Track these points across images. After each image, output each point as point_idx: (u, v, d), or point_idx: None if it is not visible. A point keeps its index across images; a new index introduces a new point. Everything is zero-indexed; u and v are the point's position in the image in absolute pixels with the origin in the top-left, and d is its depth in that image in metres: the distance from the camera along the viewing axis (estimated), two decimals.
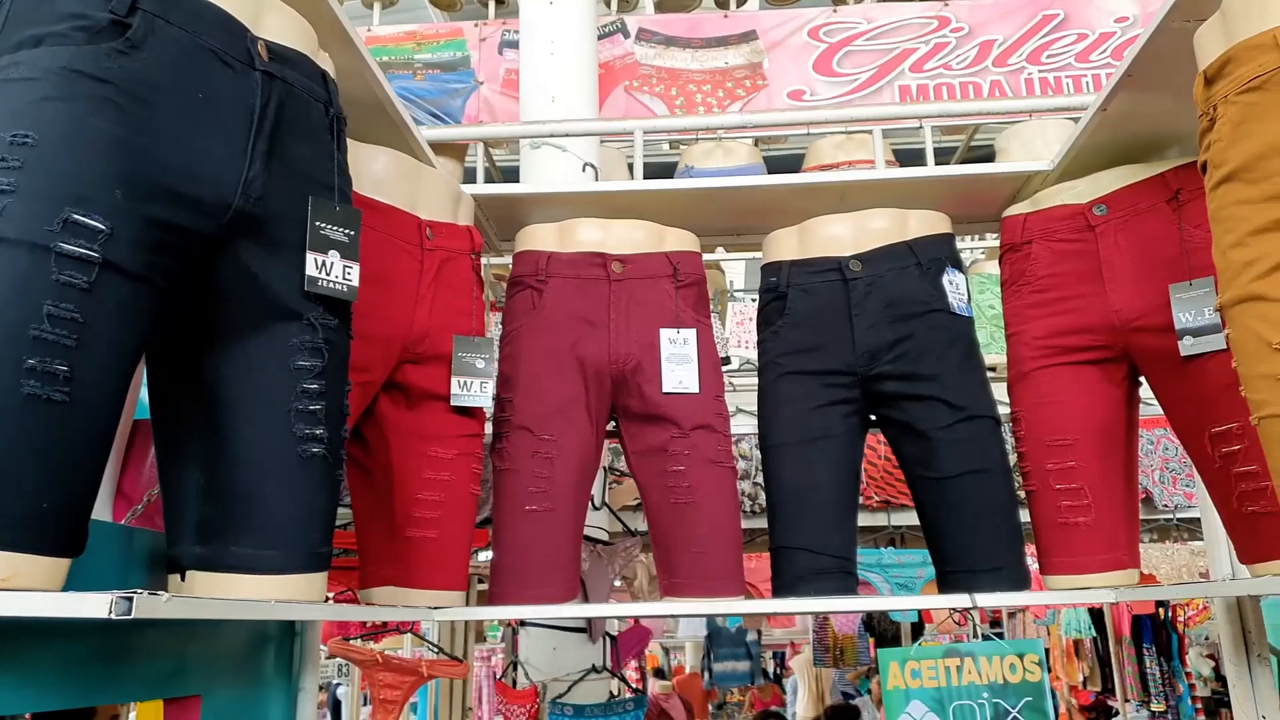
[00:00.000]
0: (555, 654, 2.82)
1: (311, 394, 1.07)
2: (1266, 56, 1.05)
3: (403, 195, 1.50)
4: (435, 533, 1.51)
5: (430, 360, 1.52)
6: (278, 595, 1.04)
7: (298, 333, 1.07)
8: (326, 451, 1.09)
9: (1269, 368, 1.06)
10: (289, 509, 1.05)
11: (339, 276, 1.10)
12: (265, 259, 1.04)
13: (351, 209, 1.15)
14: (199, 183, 0.96)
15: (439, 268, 1.53)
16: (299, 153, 1.08)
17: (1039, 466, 1.60)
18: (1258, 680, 1.67)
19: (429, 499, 1.50)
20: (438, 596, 1.51)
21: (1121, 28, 4.41)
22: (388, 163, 1.49)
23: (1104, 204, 1.58)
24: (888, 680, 1.63)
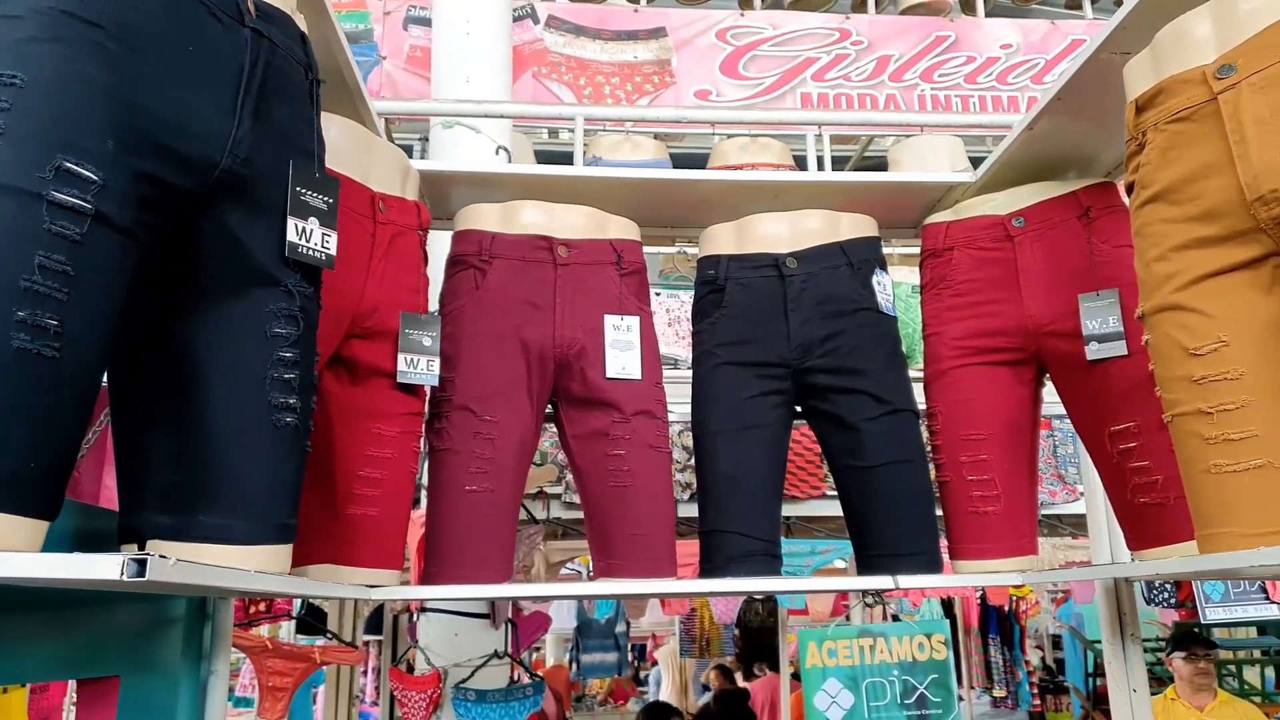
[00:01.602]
0: (457, 639, 2.80)
1: (287, 362, 1.05)
2: (1195, 91, 1.17)
3: (356, 166, 1.47)
4: (375, 511, 1.49)
5: (377, 335, 1.50)
6: (246, 567, 1.01)
7: (275, 299, 1.05)
8: (298, 421, 1.07)
9: (1184, 370, 1.18)
10: (260, 479, 1.02)
11: (318, 244, 1.09)
12: (247, 222, 1.02)
13: (330, 176, 1.13)
14: (188, 138, 0.93)
15: (390, 242, 1.51)
16: (282, 115, 1.06)
17: (953, 459, 1.71)
18: (1130, 658, 1.83)
19: (370, 476, 1.48)
20: (376, 575, 1.49)
21: (1006, 54, 4.69)
22: (342, 132, 1.46)
23: (1022, 216, 1.70)
24: (807, 659, 1.70)
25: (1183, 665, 4.00)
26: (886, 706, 1.69)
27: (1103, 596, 1.89)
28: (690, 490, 3.54)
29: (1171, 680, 4.12)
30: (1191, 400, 1.17)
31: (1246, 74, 1.11)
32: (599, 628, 8.95)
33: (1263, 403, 1.13)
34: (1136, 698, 1.85)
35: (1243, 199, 1.11)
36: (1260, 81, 1.10)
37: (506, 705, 2.68)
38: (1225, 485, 1.15)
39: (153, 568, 0.72)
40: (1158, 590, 4.32)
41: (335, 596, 1.51)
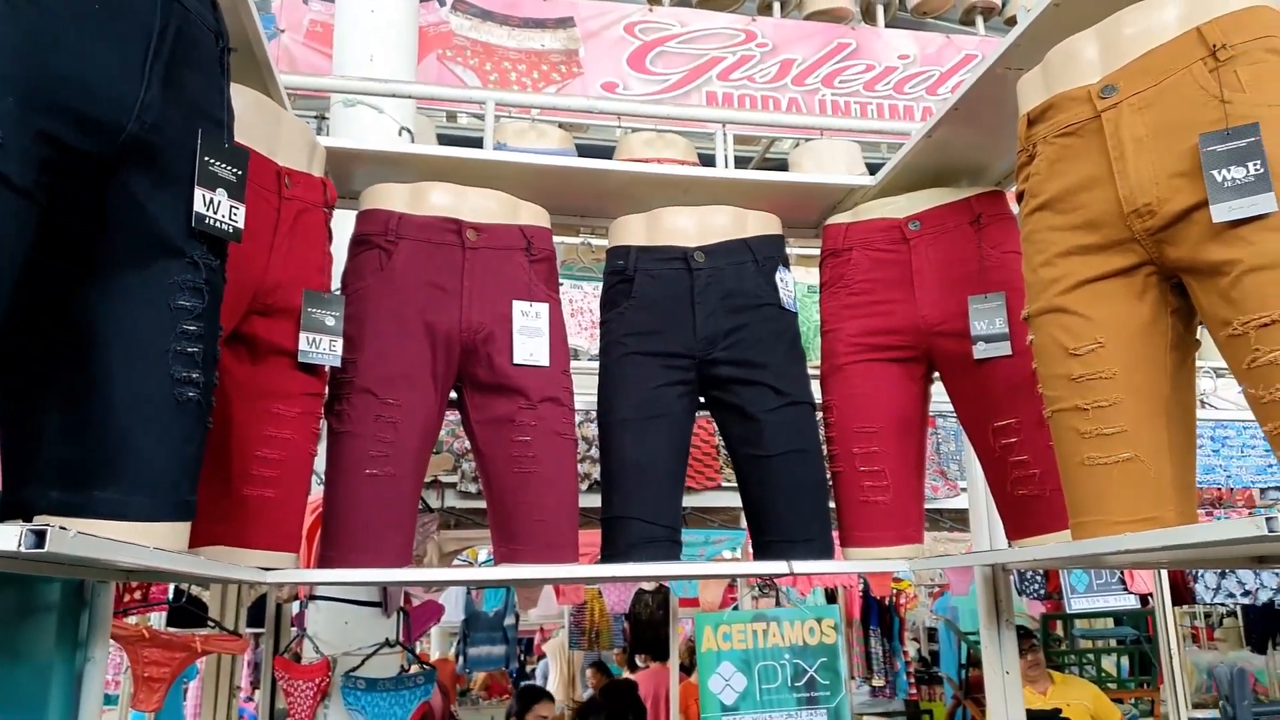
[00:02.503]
0: (347, 628, 2.75)
1: (190, 335, 1.02)
2: (1081, 108, 1.25)
3: (262, 139, 1.43)
4: (272, 492, 1.45)
5: (279, 313, 1.46)
6: (144, 543, 0.98)
7: (180, 271, 1.02)
8: (201, 396, 1.04)
9: (1064, 369, 1.26)
10: (161, 454, 0.99)
11: (225, 216, 1.06)
12: (153, 190, 0.98)
13: (239, 148, 1.10)
14: (93, 100, 0.90)
15: (295, 218, 1.48)
16: (192, 82, 1.02)
17: (846, 450, 1.78)
18: (1004, 642, 1.94)
19: (268, 457, 1.45)
20: (271, 557, 1.46)
21: (904, 64, 4.86)
22: (249, 103, 1.41)
23: (918, 220, 1.78)
24: (702, 643, 1.74)
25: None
26: (777, 689, 1.74)
27: (981, 584, 2.00)
28: (590, 480, 3.56)
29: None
30: (1070, 397, 1.25)
31: (1127, 95, 1.20)
32: (487, 620, 8.87)
33: (1132, 400, 1.21)
34: (1009, 679, 1.96)
35: (1120, 211, 1.19)
36: (1139, 103, 1.19)
37: (397, 694, 2.65)
38: (1097, 476, 1.23)
39: (53, 539, 0.69)
40: (1028, 581, 4.56)
41: (230, 579, 1.47)
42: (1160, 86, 1.17)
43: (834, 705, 1.77)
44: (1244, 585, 4.49)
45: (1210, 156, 1.10)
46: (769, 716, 1.74)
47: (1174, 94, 1.16)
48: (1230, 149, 1.09)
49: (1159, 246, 1.18)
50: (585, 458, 3.38)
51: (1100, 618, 6.96)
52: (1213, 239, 1.11)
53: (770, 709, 1.75)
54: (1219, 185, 1.09)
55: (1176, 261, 1.17)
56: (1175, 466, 1.23)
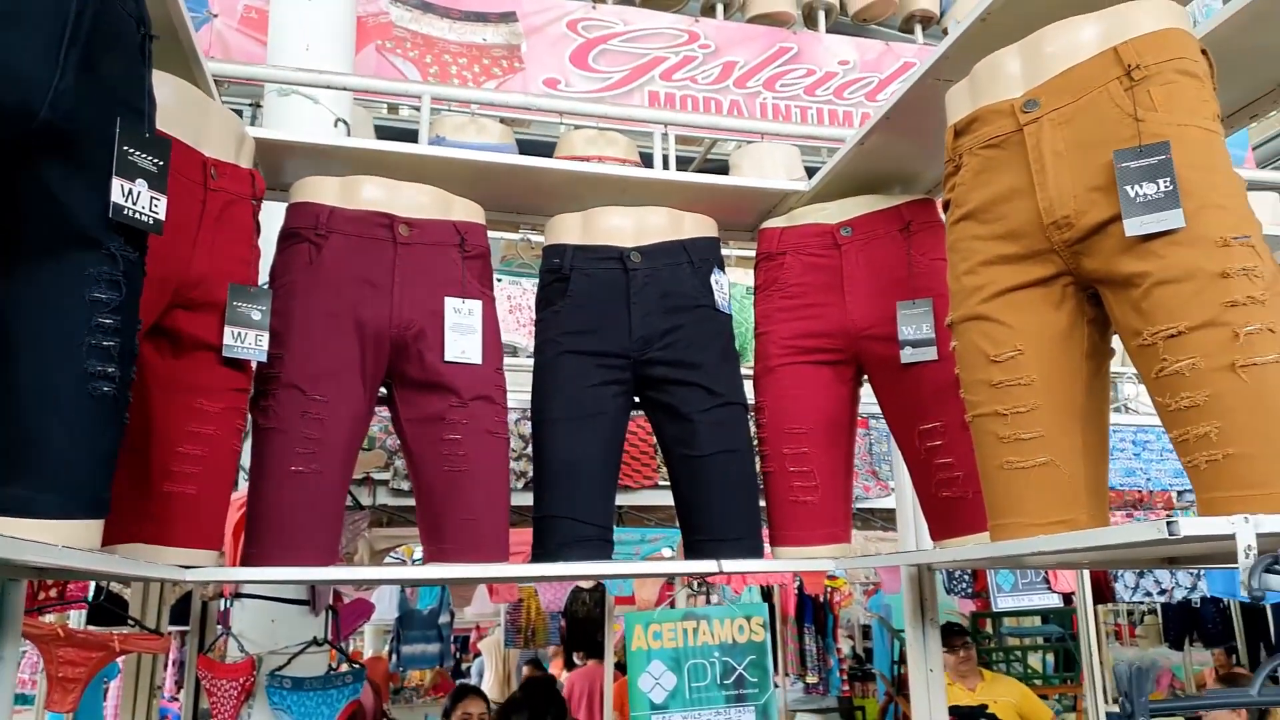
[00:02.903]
0: (274, 626, 2.70)
1: (106, 329, 0.99)
2: (1005, 121, 1.28)
3: (188, 129, 1.40)
4: (194, 489, 1.42)
5: (203, 307, 1.43)
6: (53, 541, 0.95)
7: (96, 263, 0.99)
8: (116, 391, 1.01)
9: (985, 375, 1.29)
10: (73, 450, 0.97)
11: (145, 207, 1.03)
12: (69, 180, 0.96)
13: (161, 138, 1.07)
14: (4, 84, 0.87)
15: (221, 210, 1.45)
16: (111, 70, 1.00)
17: (777, 450, 1.80)
18: (929, 640, 1.98)
19: (190, 453, 1.42)
20: (192, 555, 1.43)
21: (844, 70, 4.92)
22: (174, 92, 1.38)
23: (850, 226, 1.81)
24: (632, 642, 1.75)
25: (948, 656, 4.43)
26: (707, 687, 1.76)
27: (907, 583, 2.03)
28: (525, 479, 3.54)
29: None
30: (990, 402, 1.29)
31: (1048, 110, 1.23)
32: (421, 618, 8.78)
33: (1049, 407, 1.25)
34: (933, 677, 2.00)
35: (1040, 222, 1.23)
36: (1058, 118, 1.22)
37: (324, 694, 2.61)
38: (1015, 480, 1.27)
39: None
40: (957, 580, 4.67)
41: (148, 577, 1.43)
42: (1079, 103, 1.21)
43: (762, 703, 1.80)
44: (1160, 584, 4.65)
45: (1124, 172, 1.14)
46: (698, 714, 1.76)
47: (1091, 111, 1.20)
48: (1142, 165, 1.13)
49: (1076, 258, 1.22)
50: (522, 456, 3.37)
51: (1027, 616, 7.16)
52: (1125, 252, 1.15)
53: (699, 707, 1.76)
54: (1131, 200, 1.13)
55: (1092, 273, 1.21)
56: (1088, 470, 1.27)
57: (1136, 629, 9.47)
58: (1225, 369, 1.06)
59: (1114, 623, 9.38)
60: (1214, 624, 6.97)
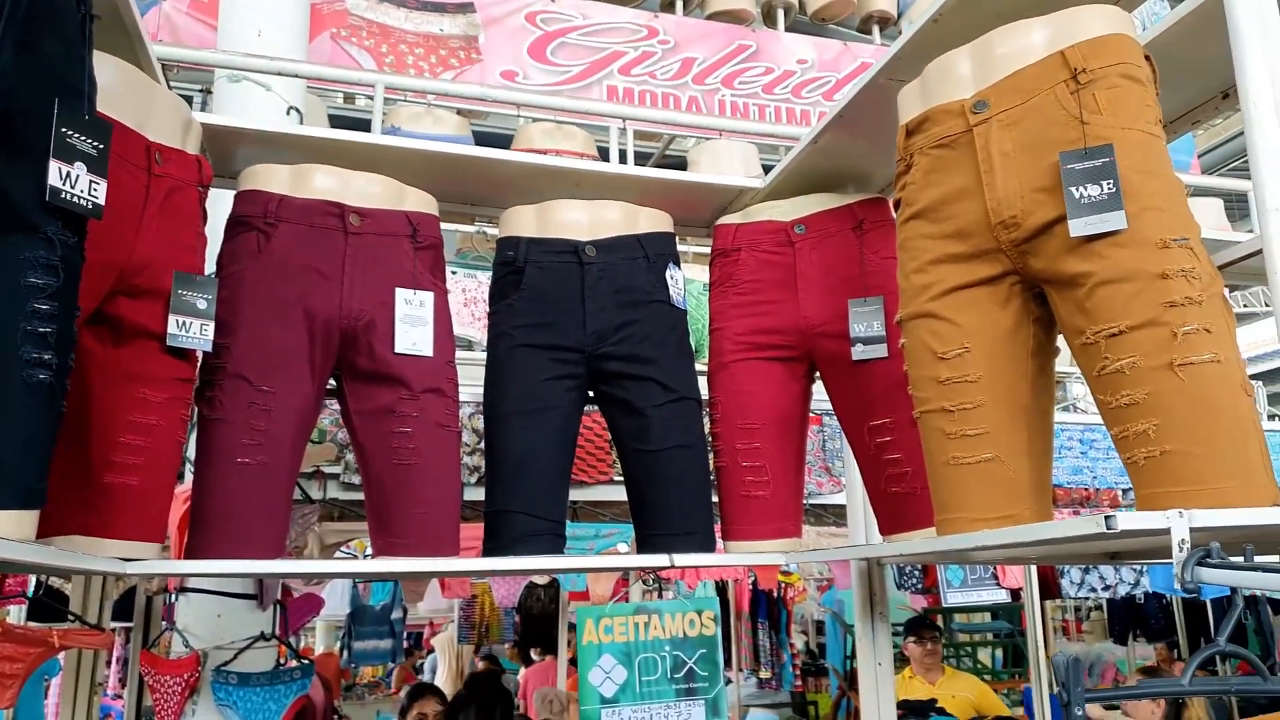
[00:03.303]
0: (220, 621, 2.65)
1: (43, 315, 0.97)
2: (955, 121, 1.30)
3: (131, 112, 1.36)
4: (136, 480, 1.39)
5: (146, 295, 1.40)
6: None
7: (32, 247, 0.96)
8: (53, 379, 0.99)
9: (932, 372, 1.31)
10: (7, 439, 0.94)
11: (84, 191, 1.01)
12: (4, 162, 0.93)
13: (101, 120, 1.05)
14: None
15: (165, 196, 1.41)
16: (50, 50, 0.97)
17: (730, 446, 1.81)
18: (878, 634, 2.00)
19: (133, 444, 1.39)
20: (133, 548, 1.40)
21: (802, 69, 4.96)
22: (117, 73, 1.35)
23: (803, 224, 1.82)
24: (583, 636, 1.75)
25: (915, 648, 4.51)
26: (657, 681, 1.76)
27: (856, 578, 2.06)
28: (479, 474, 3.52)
29: (909, 662, 4.63)
30: (937, 399, 1.31)
31: (997, 111, 1.25)
32: (373, 614, 8.70)
33: (994, 404, 1.27)
34: (881, 670, 2.03)
35: (988, 222, 1.25)
36: (1007, 119, 1.24)
37: (272, 689, 2.57)
38: (961, 475, 1.29)
39: None
40: (907, 575, 4.73)
41: (84, 569, 1.40)
42: (1026, 105, 1.23)
43: (712, 696, 1.80)
44: (1105, 580, 4.76)
45: (1069, 174, 1.16)
46: (648, 708, 1.76)
47: (1039, 113, 1.22)
48: (1087, 167, 1.15)
49: (1023, 257, 1.24)
50: (475, 450, 3.35)
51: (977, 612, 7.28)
52: (1070, 252, 1.17)
53: (650, 701, 1.77)
54: (1076, 201, 1.15)
55: (1038, 272, 1.23)
56: (1033, 467, 1.29)
57: (1083, 624, 9.68)
58: (1163, 368, 1.09)
59: (1062, 619, 9.59)
60: (1157, 619, 7.14)
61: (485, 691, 3.78)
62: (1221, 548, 0.94)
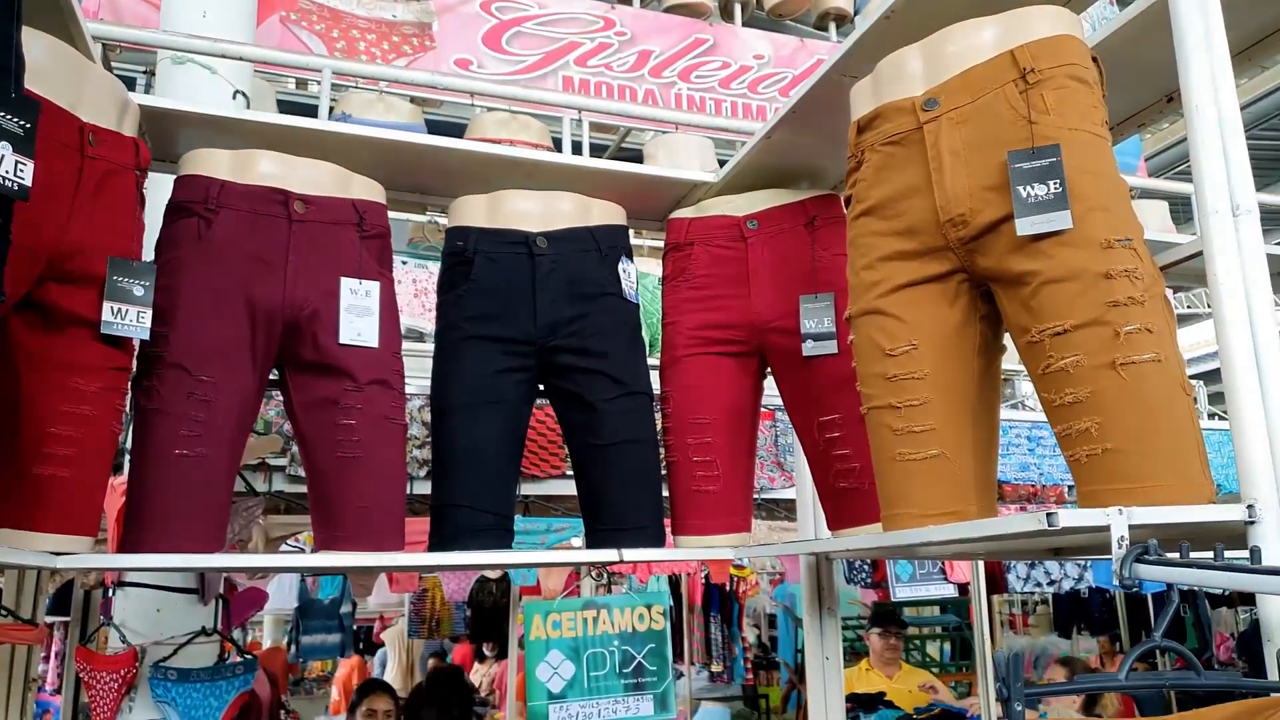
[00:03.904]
0: (159, 616, 2.59)
1: None
2: (905, 119, 1.30)
3: (63, 92, 1.32)
4: (68, 472, 1.35)
5: (79, 281, 1.36)
6: None
7: None
8: None
9: (880, 369, 1.31)
10: None
11: (9, 171, 0.97)
12: None
13: (29, 98, 1.01)
14: None
15: (100, 180, 1.37)
16: None
17: (681, 440, 1.80)
18: (826, 629, 2.01)
19: (64, 435, 1.34)
20: (64, 541, 1.36)
21: (759, 64, 4.96)
22: (48, 51, 1.30)
23: (755, 219, 1.82)
24: (531, 632, 1.73)
25: (877, 640, 4.55)
26: (605, 675, 1.76)
27: (805, 572, 2.07)
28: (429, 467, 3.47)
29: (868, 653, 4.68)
30: (885, 395, 1.31)
31: (947, 109, 1.25)
32: (322, 608, 8.59)
33: (941, 401, 1.28)
34: (829, 664, 2.04)
35: (937, 220, 1.25)
36: (957, 117, 1.25)
37: (213, 685, 2.51)
38: (907, 471, 1.29)
39: None
40: (856, 570, 4.77)
41: (13, 564, 1.35)
42: (976, 104, 1.23)
43: (660, 691, 1.80)
44: (1050, 576, 4.85)
45: (1017, 173, 1.17)
46: (596, 703, 1.76)
47: (988, 111, 1.22)
48: (1034, 167, 1.16)
49: (970, 255, 1.25)
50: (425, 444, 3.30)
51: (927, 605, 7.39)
52: (1017, 251, 1.18)
53: (597, 696, 1.76)
54: (1023, 201, 1.16)
55: (986, 270, 1.24)
56: (978, 464, 1.30)
57: (1029, 618, 9.87)
58: (1106, 367, 1.10)
59: (1009, 612, 9.77)
60: (1100, 613, 7.31)
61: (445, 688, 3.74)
62: (1160, 544, 0.96)
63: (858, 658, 4.98)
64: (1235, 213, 1.12)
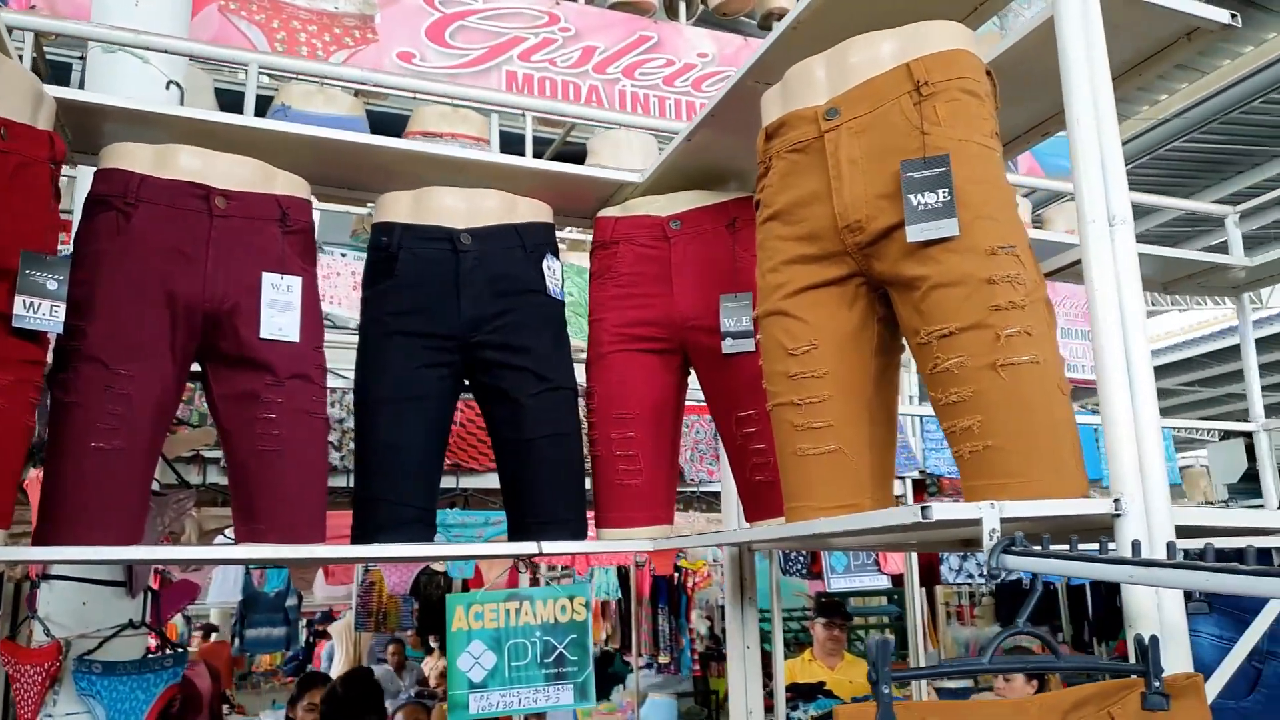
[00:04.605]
0: (85, 609, 2.57)
1: None
2: (808, 127, 1.35)
3: None
4: None
5: None
6: None
7: None
8: None
9: (783, 367, 1.36)
10: None
11: None
12: None
13: None
14: None
15: (12, 173, 1.37)
16: None
17: (605, 435, 1.84)
18: (747, 617, 2.07)
19: None
20: None
21: (703, 62, 5.01)
22: None
23: (679, 219, 1.86)
24: (452, 623, 1.76)
25: (821, 630, 4.64)
26: (526, 666, 1.79)
27: (728, 563, 2.12)
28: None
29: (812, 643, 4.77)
30: (787, 393, 1.36)
31: (847, 118, 1.30)
32: (267, 601, 8.51)
33: (839, 398, 1.33)
34: (749, 653, 2.10)
35: (836, 226, 1.30)
36: (856, 127, 1.30)
37: (140, 678, 2.50)
38: (807, 466, 1.34)
39: None
40: (792, 561, 4.86)
41: None
42: (874, 114, 1.28)
43: (580, 680, 1.84)
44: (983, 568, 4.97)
45: (909, 182, 1.22)
46: (516, 692, 1.79)
47: (884, 122, 1.27)
48: (925, 176, 1.22)
49: (867, 260, 1.30)
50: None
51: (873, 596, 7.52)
52: (908, 256, 1.24)
53: (518, 685, 1.79)
54: (914, 208, 1.21)
55: (881, 274, 1.30)
56: (874, 458, 1.36)
57: (975, 609, 10.06)
58: (987, 368, 1.16)
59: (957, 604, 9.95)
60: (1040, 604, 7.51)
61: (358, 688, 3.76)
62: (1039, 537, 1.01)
63: (802, 648, 5.07)
64: (1111, 222, 1.18)
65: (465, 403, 2.78)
